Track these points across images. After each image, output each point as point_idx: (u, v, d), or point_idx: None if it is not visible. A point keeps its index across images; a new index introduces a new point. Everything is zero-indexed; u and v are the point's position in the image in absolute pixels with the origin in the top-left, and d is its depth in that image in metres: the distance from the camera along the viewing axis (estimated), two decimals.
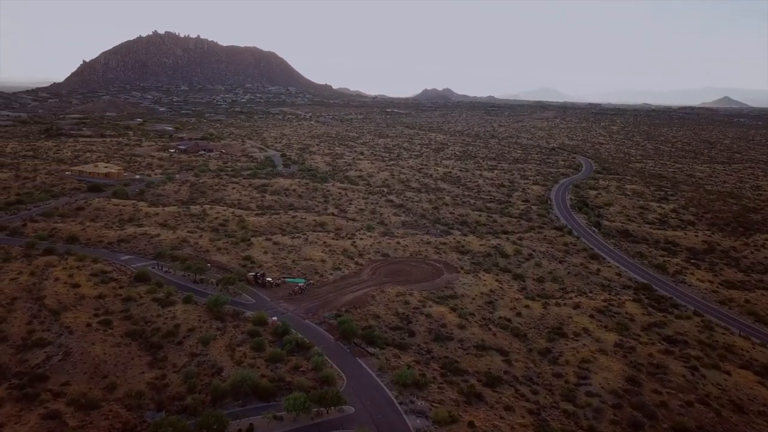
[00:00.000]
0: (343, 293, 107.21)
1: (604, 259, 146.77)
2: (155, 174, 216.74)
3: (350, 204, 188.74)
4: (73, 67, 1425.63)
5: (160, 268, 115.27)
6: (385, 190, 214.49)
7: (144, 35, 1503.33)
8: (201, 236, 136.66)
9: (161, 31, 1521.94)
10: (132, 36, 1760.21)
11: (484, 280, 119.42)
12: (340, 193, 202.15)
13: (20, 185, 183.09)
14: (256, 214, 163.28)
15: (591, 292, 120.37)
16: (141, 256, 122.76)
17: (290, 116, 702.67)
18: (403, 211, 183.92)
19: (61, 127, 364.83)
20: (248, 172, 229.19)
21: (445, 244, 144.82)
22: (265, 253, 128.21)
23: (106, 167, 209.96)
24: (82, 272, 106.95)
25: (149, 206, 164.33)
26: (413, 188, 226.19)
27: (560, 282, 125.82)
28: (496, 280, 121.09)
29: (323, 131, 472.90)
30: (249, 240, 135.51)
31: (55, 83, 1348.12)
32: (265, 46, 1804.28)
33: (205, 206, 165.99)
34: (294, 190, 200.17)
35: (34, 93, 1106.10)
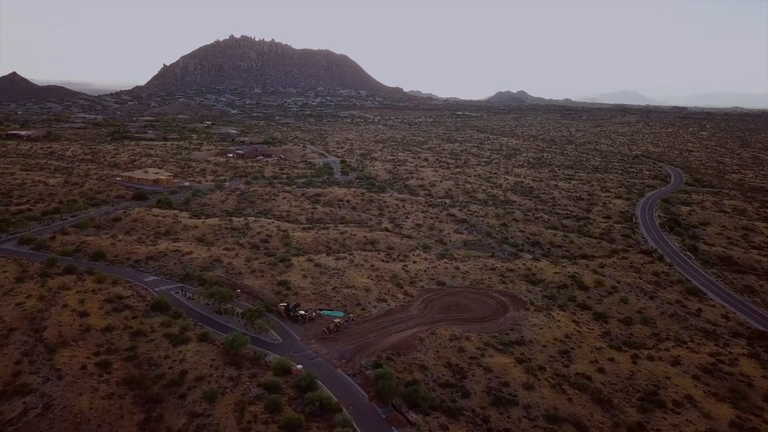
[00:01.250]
0: (387, 333, 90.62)
1: (705, 294, 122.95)
2: (206, 181, 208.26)
3: (407, 218, 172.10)
4: (156, 70, 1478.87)
5: (183, 293, 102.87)
6: (448, 202, 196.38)
7: (221, 39, 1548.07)
8: (237, 254, 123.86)
9: (237, 35, 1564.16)
10: (210, 40, 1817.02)
11: (559, 321, 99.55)
12: (397, 204, 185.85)
13: (66, 192, 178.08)
14: (303, 229, 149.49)
15: (692, 340, 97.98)
16: (167, 278, 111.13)
17: (358, 120, 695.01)
18: (466, 228, 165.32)
19: (128, 130, 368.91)
20: (303, 180, 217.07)
21: (512, 271, 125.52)
22: (304, 277, 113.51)
23: (156, 173, 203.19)
24: (96, 297, 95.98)
25: (190, 217, 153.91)
26: (479, 200, 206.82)
27: (652, 325, 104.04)
28: (573, 321, 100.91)
29: (389, 135, 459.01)
30: (289, 260, 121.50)
31: (137, 86, 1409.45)
32: (337, 50, 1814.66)
33: (249, 218, 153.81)
34: (348, 201, 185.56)
35: (117, 96, 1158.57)
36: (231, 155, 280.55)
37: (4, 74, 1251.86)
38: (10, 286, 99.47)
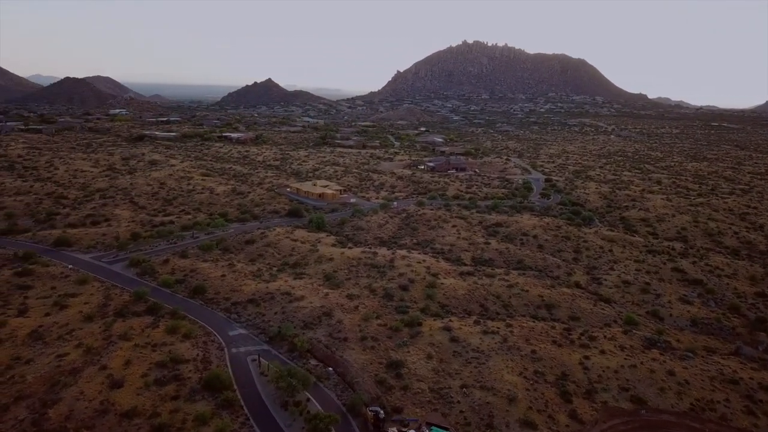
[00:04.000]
0: None
1: None
2: (376, 198, 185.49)
3: (611, 269, 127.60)
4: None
5: (258, 363, 77.49)
6: (678, 247, 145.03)
7: (454, 45, 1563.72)
8: (357, 307, 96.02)
9: (470, 41, 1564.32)
10: (443, 46, 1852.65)
11: None
12: (601, 246, 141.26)
13: (227, 202, 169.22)
14: (460, 274, 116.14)
15: None
16: (257, 333, 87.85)
17: (588, 128, 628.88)
18: (699, 294, 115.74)
19: (334, 136, 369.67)
20: (488, 203, 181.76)
21: None
22: (428, 358, 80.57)
23: (324, 186, 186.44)
24: (149, 357, 75.92)
25: (333, 245, 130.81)
26: (727, 248, 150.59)
27: None
28: None
29: (618, 148, 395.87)
30: (419, 324, 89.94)
31: (371, 92, 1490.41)
32: (574, 53, 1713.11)
33: (397, 253, 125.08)
34: (535, 236, 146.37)
35: (352, 101, 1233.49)
36: (422, 167, 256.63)
37: (262, 80, 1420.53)
38: (73, 327, 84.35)
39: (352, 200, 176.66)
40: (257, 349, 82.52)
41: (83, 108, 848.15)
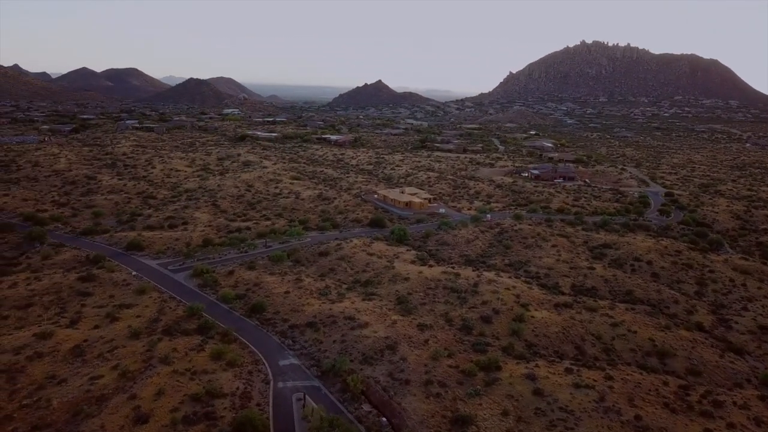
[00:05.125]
0: None
1: None
2: (469, 209, 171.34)
3: (745, 309, 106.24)
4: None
5: (302, 403, 67.91)
6: None
7: (571, 45, 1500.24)
8: (427, 341, 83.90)
9: (589, 41, 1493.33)
10: (560, 47, 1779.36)
11: None
12: (732, 280, 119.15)
13: (311, 208, 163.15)
14: (555, 306, 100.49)
15: None
16: (309, 364, 78.29)
17: (719, 135, 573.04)
18: None
19: (434, 140, 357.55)
20: (597, 219, 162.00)
21: None
22: (504, 415, 67.18)
23: (412, 195, 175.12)
24: (184, 388, 69.32)
25: (412, 261, 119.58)
26: None
27: None
28: None
29: (755, 158, 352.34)
30: (498, 367, 76.17)
31: (481, 93, 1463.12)
32: (706, 53, 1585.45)
33: (483, 276, 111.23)
34: (649, 262, 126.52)
35: (461, 103, 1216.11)
36: (525, 174, 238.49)
37: (372, 82, 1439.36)
38: (117, 344, 79.02)
39: (441, 210, 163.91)
40: (306, 385, 72.79)
41: (203, 107, 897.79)
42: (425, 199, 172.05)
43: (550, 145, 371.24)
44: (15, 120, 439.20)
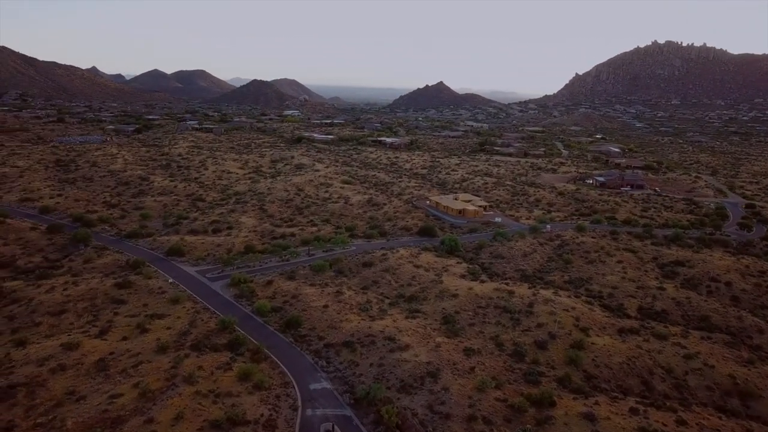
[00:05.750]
0: None
1: None
2: (527, 218, 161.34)
3: None
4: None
5: None
6: None
7: (642, 46, 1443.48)
8: (473, 369, 76.56)
9: (661, 41, 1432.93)
10: (629, 47, 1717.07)
11: None
12: None
13: (359, 213, 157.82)
14: (620, 331, 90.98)
15: None
16: (341, 391, 72.62)
17: None
18: None
19: (494, 142, 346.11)
20: (668, 232, 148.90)
21: None
22: None
23: (467, 202, 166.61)
24: (206, 412, 65.81)
25: (462, 275, 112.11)
26: None
27: None
28: None
29: None
30: (551, 405, 68.47)
31: (546, 95, 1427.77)
32: None
33: (540, 294, 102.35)
34: (729, 284, 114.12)
35: (524, 105, 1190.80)
36: (590, 181, 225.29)
37: (433, 83, 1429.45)
38: (143, 358, 75.35)
39: (497, 219, 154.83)
40: (337, 414, 66.66)
41: (264, 108, 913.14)
42: (480, 206, 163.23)
43: (617, 150, 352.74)
44: (84, 120, 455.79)
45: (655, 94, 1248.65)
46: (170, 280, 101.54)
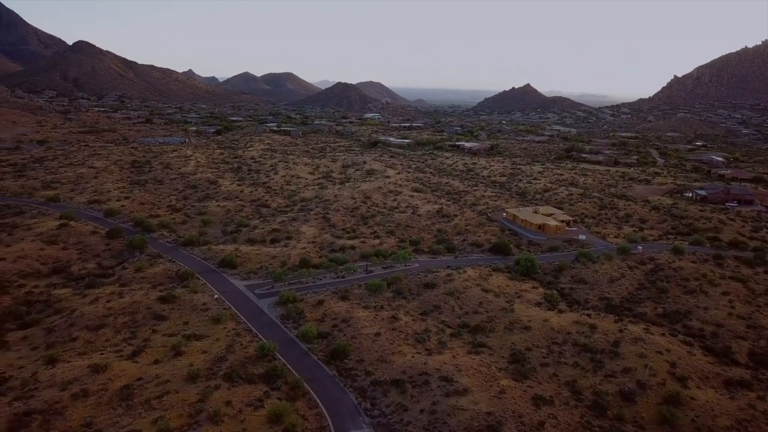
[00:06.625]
0: None
1: None
2: (617, 237, 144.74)
3: None
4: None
5: None
6: None
7: (750, 46, 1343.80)
8: (542, 424, 65.73)
9: None
10: (734, 48, 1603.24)
11: None
12: None
13: (428, 225, 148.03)
14: (727, 383, 76.88)
15: None
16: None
17: None
18: None
19: (581, 149, 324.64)
20: None
21: None
22: None
23: (547, 215, 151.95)
24: None
25: (538, 303, 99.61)
26: None
27: None
28: None
29: None
30: None
31: (641, 99, 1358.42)
32: None
33: (628, 330, 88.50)
34: None
35: (617, 108, 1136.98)
36: (689, 195, 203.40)
37: (520, 86, 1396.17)
38: (170, 388, 69.11)
39: (582, 237, 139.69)
40: None
41: (348, 110, 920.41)
42: (563, 221, 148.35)
43: (720, 159, 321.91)
44: (171, 121, 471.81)
45: (764, 98, 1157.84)
46: (215, 296, 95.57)
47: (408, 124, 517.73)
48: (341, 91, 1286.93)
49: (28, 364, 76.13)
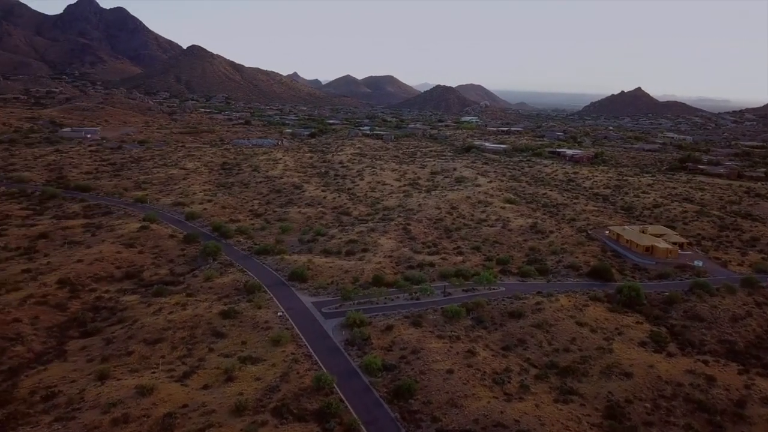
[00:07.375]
0: None
1: None
2: (742, 263, 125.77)
3: None
4: None
5: None
6: None
7: None
8: None
9: None
10: None
11: None
12: None
13: (520, 241, 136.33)
14: None
15: None
16: None
17: None
18: None
19: (698, 158, 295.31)
20: None
21: None
22: None
23: (657, 236, 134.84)
24: None
25: (643, 343, 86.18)
26: None
27: None
28: None
29: None
30: None
31: None
32: None
33: (756, 385, 73.50)
34: None
35: (739, 114, 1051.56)
36: None
37: (630, 89, 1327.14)
38: (213, 420, 63.56)
39: (698, 263, 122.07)
40: None
41: (445, 113, 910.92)
42: (675, 243, 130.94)
43: None
44: (269, 123, 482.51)
45: None
46: (279, 313, 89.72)
47: (506, 128, 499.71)
48: (440, 94, 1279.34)
49: (80, 377, 73.36)
